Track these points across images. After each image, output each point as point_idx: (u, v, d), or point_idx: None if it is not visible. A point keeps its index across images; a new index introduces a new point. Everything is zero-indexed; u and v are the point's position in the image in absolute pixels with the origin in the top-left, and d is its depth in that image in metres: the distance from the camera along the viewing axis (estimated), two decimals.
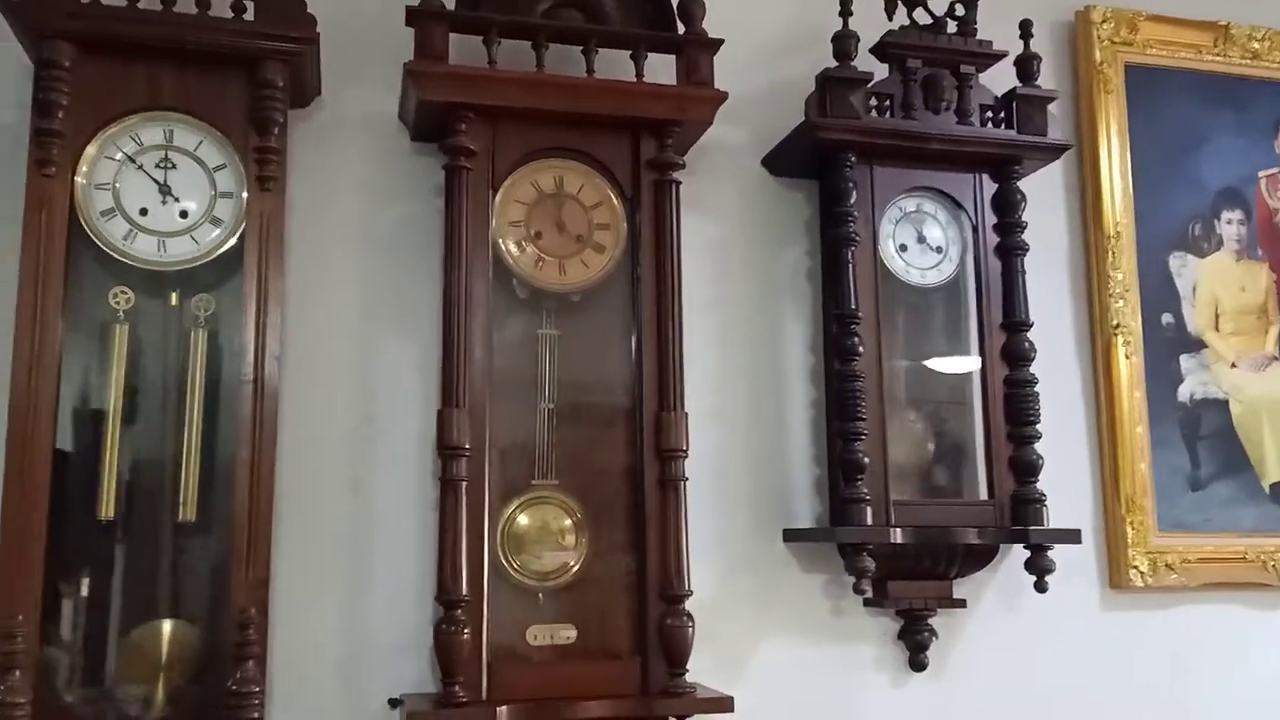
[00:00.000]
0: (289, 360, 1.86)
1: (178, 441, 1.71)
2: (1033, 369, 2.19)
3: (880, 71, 2.10)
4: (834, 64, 2.05)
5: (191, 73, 1.75)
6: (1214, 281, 2.42)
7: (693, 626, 1.80)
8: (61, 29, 1.66)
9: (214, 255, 1.75)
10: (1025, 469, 2.03)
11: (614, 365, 1.95)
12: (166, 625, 1.70)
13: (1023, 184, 2.25)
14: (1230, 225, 2.45)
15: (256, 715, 1.57)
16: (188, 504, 1.71)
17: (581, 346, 1.98)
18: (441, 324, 1.81)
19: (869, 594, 1.97)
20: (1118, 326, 2.31)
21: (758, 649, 2.03)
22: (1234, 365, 2.39)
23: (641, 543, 1.83)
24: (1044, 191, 2.36)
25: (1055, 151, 2.15)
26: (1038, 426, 2.06)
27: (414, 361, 1.94)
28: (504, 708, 1.67)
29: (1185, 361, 2.37)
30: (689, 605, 1.81)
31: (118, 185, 1.71)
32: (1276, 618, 2.30)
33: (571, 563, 1.89)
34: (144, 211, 1.72)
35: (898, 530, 1.93)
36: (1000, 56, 2.13)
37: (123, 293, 1.73)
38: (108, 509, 1.68)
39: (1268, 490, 2.35)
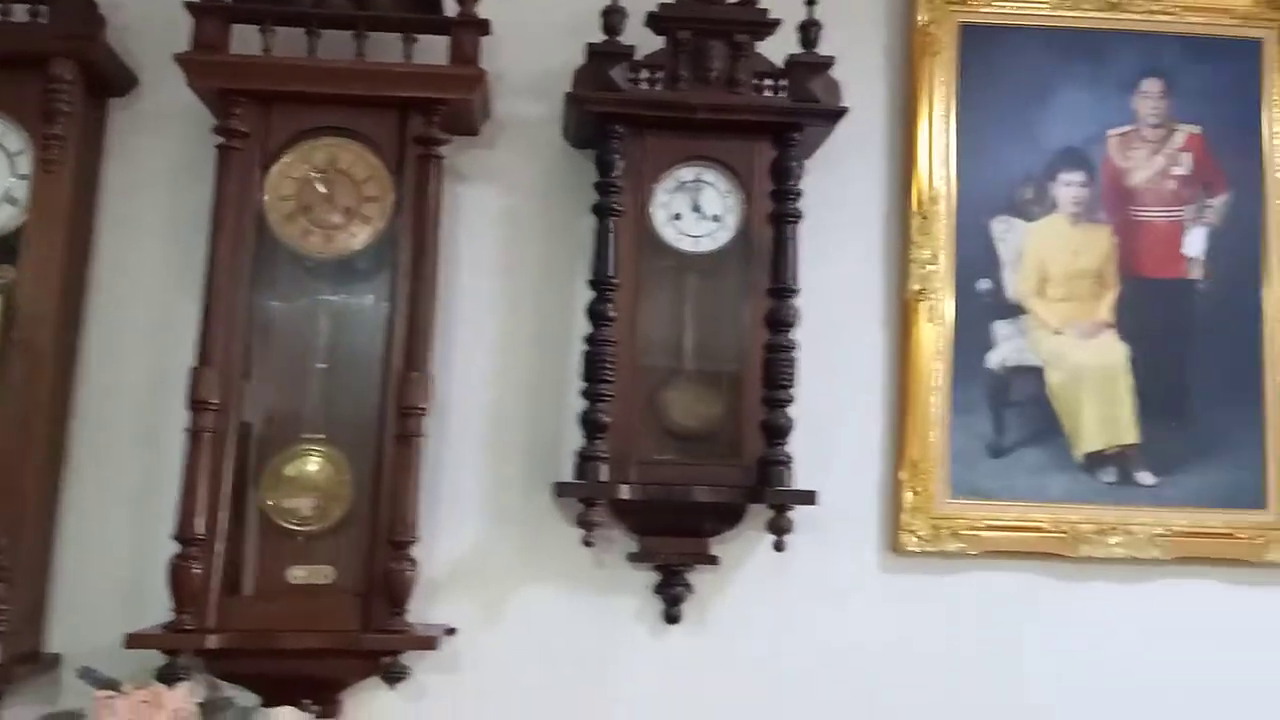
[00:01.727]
0: (93, 323, 2.13)
1: None
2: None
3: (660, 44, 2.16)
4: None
5: None
6: (1043, 246, 2.36)
7: (414, 570, 1.98)
8: None
9: (9, 230, 2.02)
10: (774, 432, 2.09)
11: (381, 329, 2.12)
12: None
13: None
14: (1068, 187, 2.37)
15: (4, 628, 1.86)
16: None
17: (357, 312, 2.17)
18: (203, 290, 2.02)
19: (594, 545, 2.10)
20: (921, 292, 2.30)
21: (522, 597, 2.19)
22: (1059, 332, 2.34)
23: (378, 492, 2.01)
24: (862, 158, 2.37)
25: (829, 117, 2.15)
26: (790, 391, 2.10)
27: None
28: (215, 636, 1.90)
29: (1001, 328, 2.33)
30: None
31: None
32: (1072, 588, 2.27)
33: (335, 510, 2.10)
34: None
35: (626, 487, 2.04)
36: (774, 24, 2.14)
37: None
38: None
39: (1080, 459, 2.30)
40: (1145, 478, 2.31)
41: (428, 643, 1.97)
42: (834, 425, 2.28)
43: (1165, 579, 2.29)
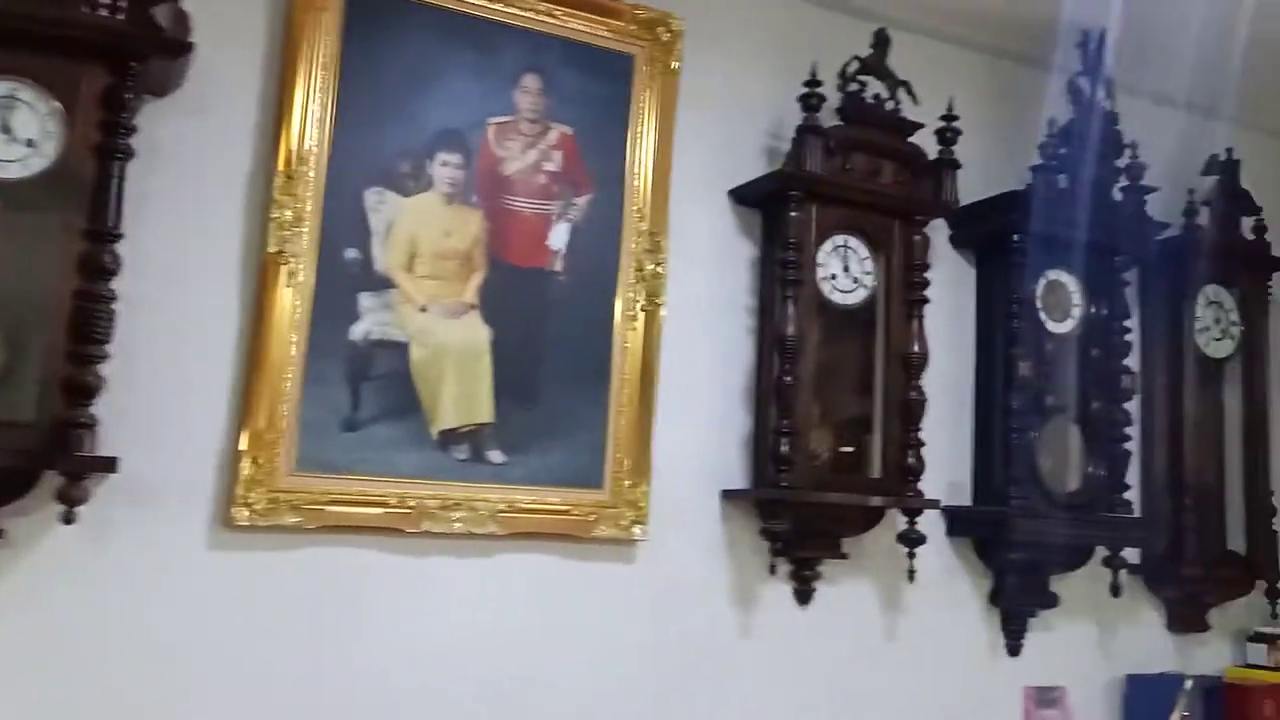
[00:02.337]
0: None
1: None
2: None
3: None
4: None
5: None
6: (415, 222, 2.36)
7: None
8: None
9: None
10: (78, 391, 1.86)
11: None
12: None
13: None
14: (445, 168, 2.40)
15: None
16: None
17: None
18: None
19: None
20: (280, 254, 2.20)
21: None
22: (424, 309, 2.35)
23: None
24: (235, 108, 2.22)
25: (170, 50, 1.97)
26: (104, 347, 1.89)
27: None
28: None
29: (366, 300, 2.29)
30: None
31: None
32: (410, 563, 2.29)
33: None
34: None
35: None
36: None
37: None
38: None
39: (435, 437, 2.33)
40: (496, 456, 2.38)
41: None
42: (177, 390, 2.11)
43: (504, 554, 2.38)
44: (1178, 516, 3.18)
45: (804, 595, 2.75)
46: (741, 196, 2.74)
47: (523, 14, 2.50)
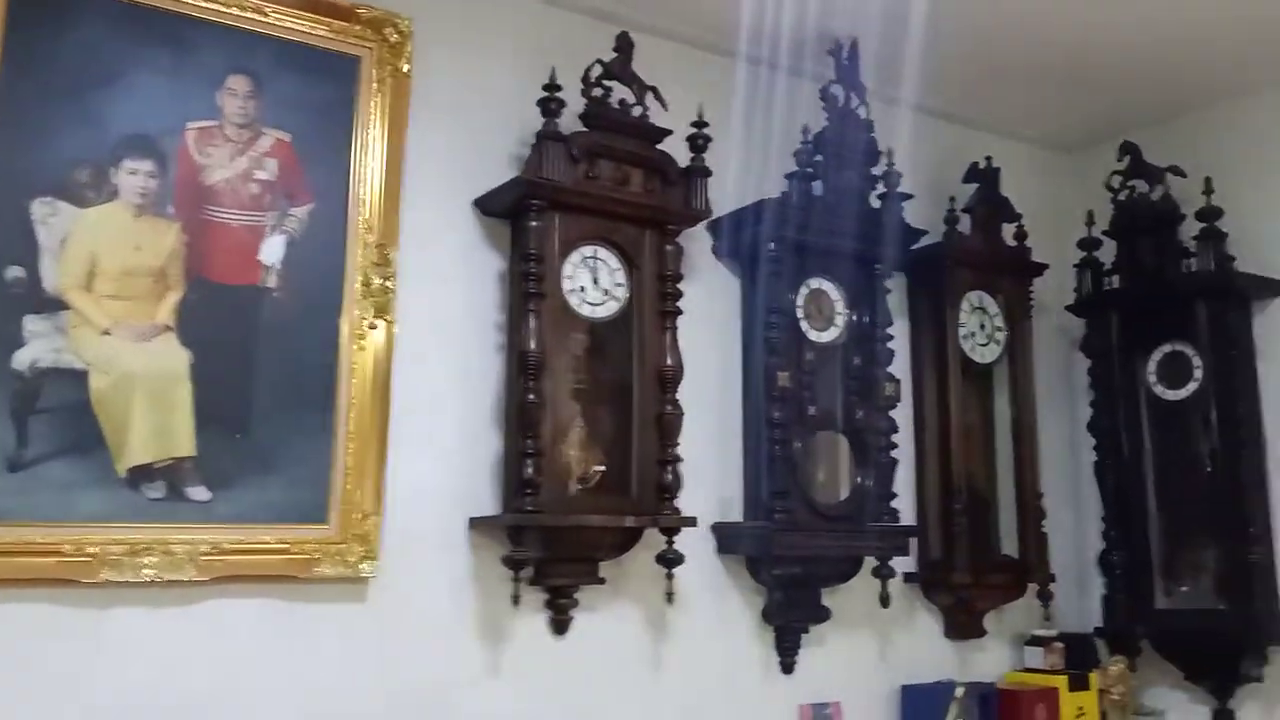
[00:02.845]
0: None
1: None
2: None
3: None
4: None
5: None
6: (97, 236, 2.12)
7: None
8: None
9: None
10: None
11: None
12: None
13: None
14: (134, 176, 2.17)
15: None
16: None
17: None
18: None
19: None
20: None
21: None
22: (108, 333, 2.11)
23: None
24: None
25: None
26: None
27: None
28: None
29: (33, 324, 2.05)
30: None
31: None
32: (91, 617, 2.04)
33: None
34: None
35: None
36: None
37: None
38: None
39: (124, 474, 2.09)
40: (198, 493, 2.17)
41: None
42: None
43: (209, 601, 2.16)
44: (948, 523, 3.19)
45: (560, 625, 2.61)
46: (486, 206, 2.60)
47: (225, 10, 2.30)
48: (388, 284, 2.41)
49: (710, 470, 2.90)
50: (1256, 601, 3.06)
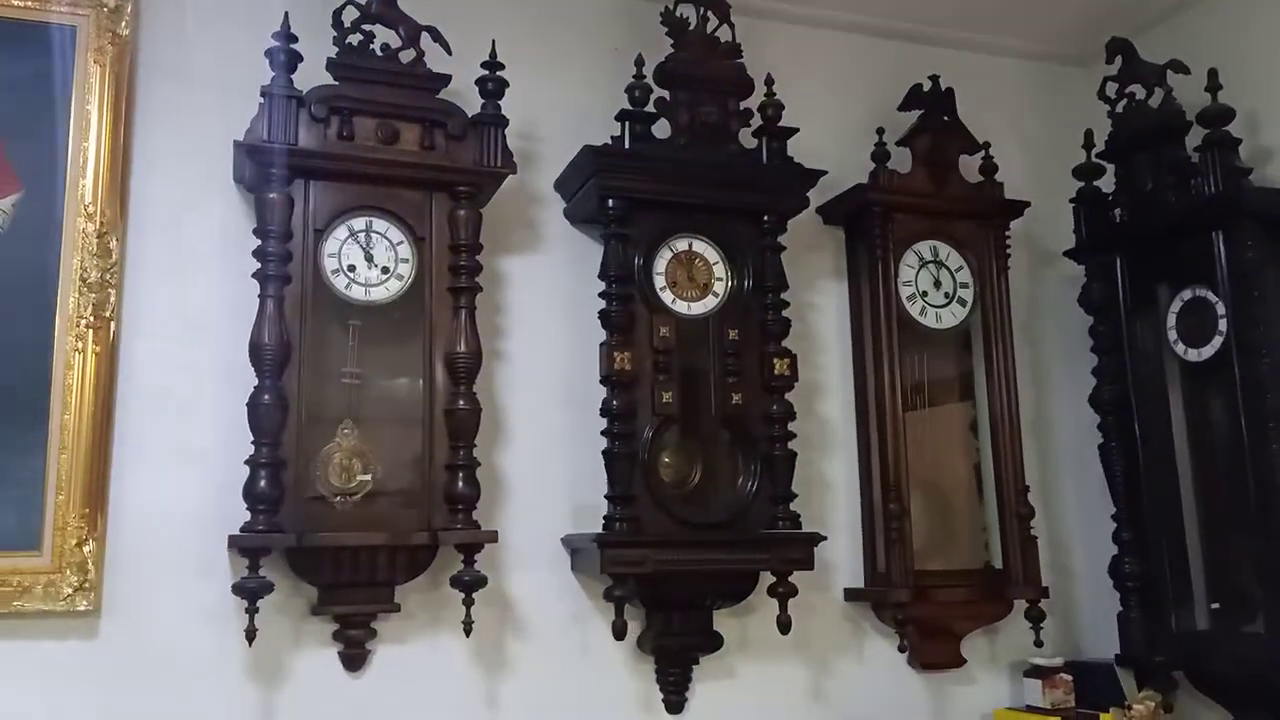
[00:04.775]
0: None
1: None
2: None
3: None
4: None
5: None
6: None
7: None
8: None
9: None
10: None
11: None
12: None
13: None
14: None
15: None
16: None
17: None
18: None
19: None
20: None
21: None
22: None
23: None
24: None
25: None
26: None
27: None
28: None
29: None
30: None
31: None
32: None
33: None
34: None
35: None
36: None
37: None
38: None
39: None
40: None
41: None
42: None
43: None
44: (887, 528, 2.58)
45: (353, 660, 2.24)
46: (240, 180, 2.28)
47: None
48: (108, 277, 2.14)
49: (563, 474, 2.46)
50: None
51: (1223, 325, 2.47)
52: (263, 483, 2.05)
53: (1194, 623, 2.57)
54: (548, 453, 2.46)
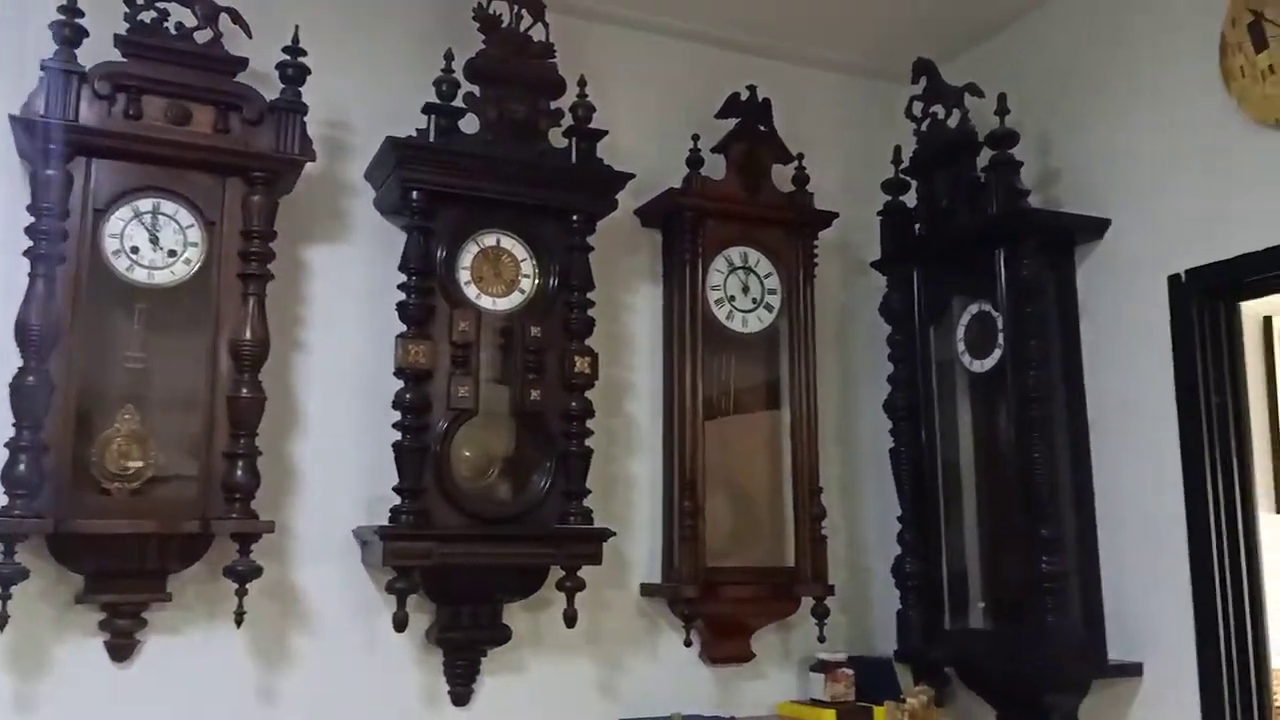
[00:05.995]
0: None
1: None
2: None
3: None
4: None
5: None
6: None
7: None
8: None
9: None
10: None
11: None
12: None
13: None
14: None
15: None
16: None
17: None
18: None
19: None
20: None
21: None
22: None
23: None
24: None
25: None
26: None
27: None
28: None
29: None
30: None
31: None
32: None
33: None
34: None
35: None
36: None
37: None
38: None
39: None
40: None
41: None
42: None
43: None
44: (680, 525, 2.65)
45: (120, 650, 2.19)
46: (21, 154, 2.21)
47: None
48: None
49: (358, 465, 2.45)
50: (1048, 620, 2.42)
51: (1001, 338, 2.60)
52: (21, 466, 1.99)
53: (967, 621, 2.71)
54: (343, 444, 2.45)
